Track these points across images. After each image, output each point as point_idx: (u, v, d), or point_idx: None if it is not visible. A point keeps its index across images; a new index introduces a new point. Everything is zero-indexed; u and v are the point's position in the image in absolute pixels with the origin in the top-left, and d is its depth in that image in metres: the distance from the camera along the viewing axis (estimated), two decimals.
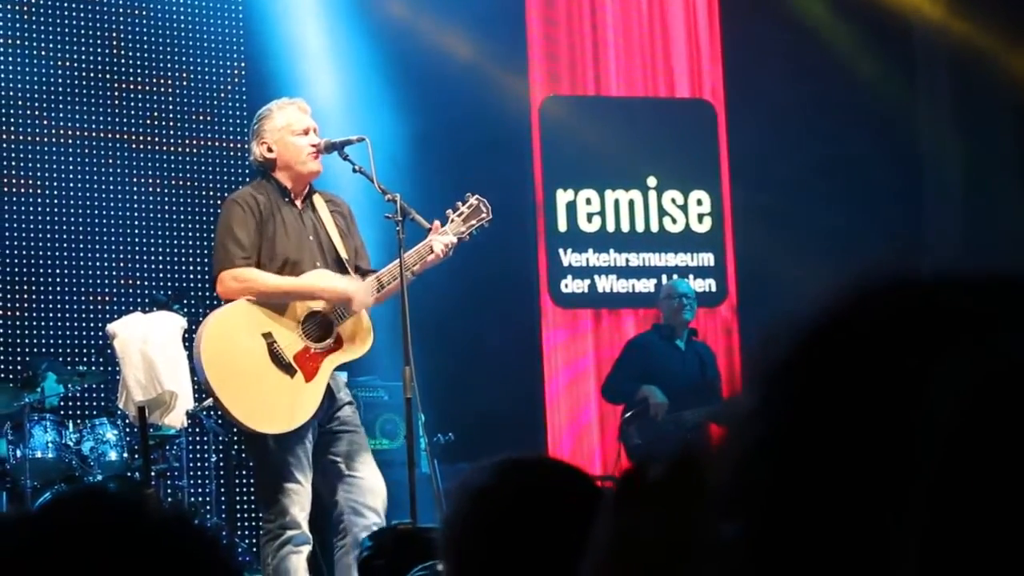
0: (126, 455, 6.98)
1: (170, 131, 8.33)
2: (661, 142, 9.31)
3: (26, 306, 7.88)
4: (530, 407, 8.79)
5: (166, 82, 8.36)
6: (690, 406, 7.52)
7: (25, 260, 7.90)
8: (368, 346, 5.18)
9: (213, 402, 4.99)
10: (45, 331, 7.89)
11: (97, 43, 8.20)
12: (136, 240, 8.13)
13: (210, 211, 8.09)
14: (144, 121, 8.27)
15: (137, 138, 8.23)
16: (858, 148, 9.33)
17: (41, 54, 8.03)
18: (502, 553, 1.66)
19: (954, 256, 0.75)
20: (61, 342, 7.89)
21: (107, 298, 7.97)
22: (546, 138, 9.18)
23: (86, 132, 8.08)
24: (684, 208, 9.32)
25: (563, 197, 9.13)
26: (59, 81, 8.08)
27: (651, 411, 7.59)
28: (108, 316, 6.78)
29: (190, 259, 8.23)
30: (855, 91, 9.43)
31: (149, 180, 8.21)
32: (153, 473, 6.61)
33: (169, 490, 7.17)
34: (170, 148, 8.31)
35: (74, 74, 8.12)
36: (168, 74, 8.36)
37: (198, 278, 8.11)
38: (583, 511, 1.65)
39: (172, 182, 8.29)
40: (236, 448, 7.45)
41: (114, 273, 8.06)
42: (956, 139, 9.54)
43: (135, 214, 8.14)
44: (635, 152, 9.20)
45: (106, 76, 8.20)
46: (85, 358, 7.70)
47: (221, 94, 8.49)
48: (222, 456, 7.53)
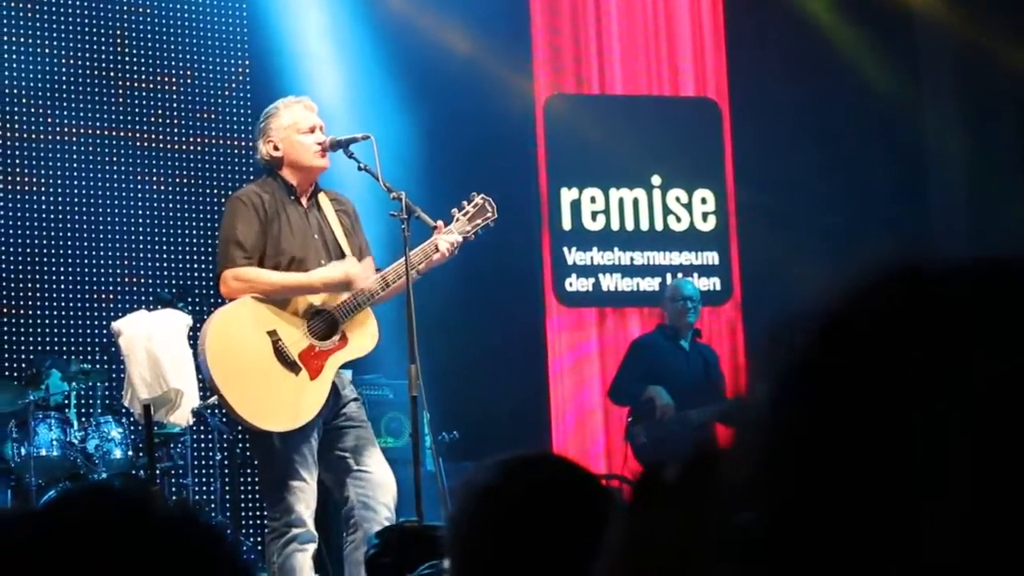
0: (131, 453, 6.98)
1: (174, 129, 8.33)
2: (665, 141, 9.31)
3: (30, 303, 7.88)
4: (535, 406, 8.79)
5: (170, 80, 8.36)
6: (695, 406, 7.52)
7: (29, 257, 7.90)
8: (373, 344, 5.18)
9: (218, 400, 4.99)
10: (49, 329, 7.89)
11: (101, 40, 8.20)
12: (140, 238, 8.13)
13: (214, 209, 8.09)
14: (148, 119, 8.27)
15: (141, 136, 8.23)
16: (862, 146, 9.33)
17: (45, 51, 8.04)
18: (508, 551, 1.66)
19: (958, 253, 0.75)
20: (66, 340, 7.89)
21: (111, 296, 7.98)
22: (550, 136, 9.17)
23: (90, 130, 8.08)
24: (688, 207, 9.31)
25: (567, 195, 9.12)
26: (63, 79, 8.08)
27: (657, 412, 7.60)
28: (113, 314, 6.78)
29: (194, 257, 8.23)
30: (859, 90, 9.43)
31: (153, 178, 8.22)
32: (158, 471, 6.62)
33: (174, 488, 7.18)
34: (174, 146, 8.31)
35: (78, 71, 8.13)
36: (172, 72, 8.36)
37: (202, 276, 8.11)
38: (588, 509, 1.65)
39: (176, 180, 8.29)
40: (241, 446, 7.45)
41: (118, 271, 8.06)
42: (960, 137, 9.53)
43: (139, 212, 8.14)
44: (639, 151, 9.19)
45: (110, 74, 8.21)
46: (90, 356, 7.70)
47: (225, 92, 8.49)
48: (227, 454, 7.53)
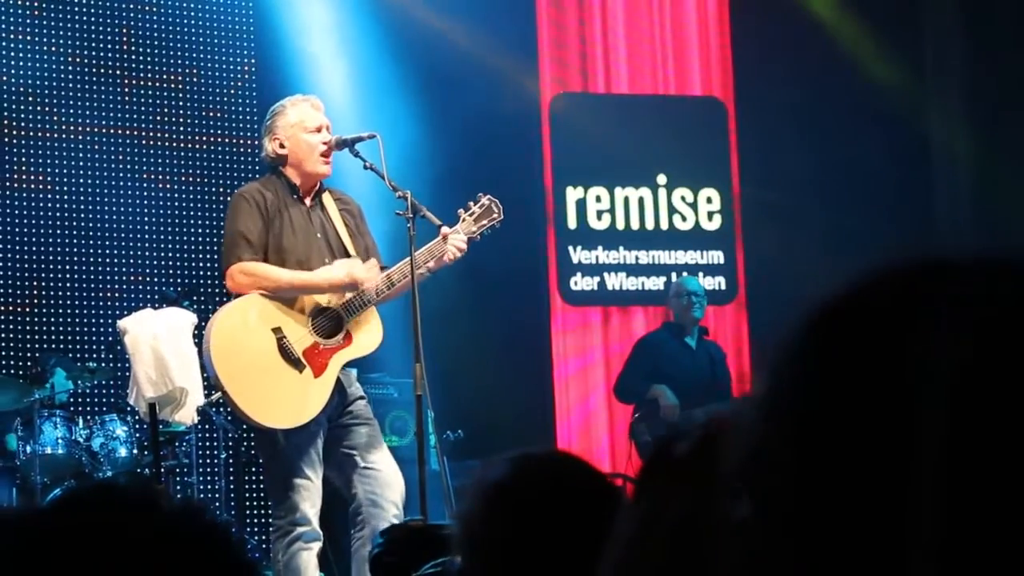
0: (136, 451, 6.98)
1: (180, 127, 8.33)
2: (671, 140, 9.30)
3: (36, 302, 7.89)
4: (539, 404, 8.79)
5: (176, 78, 8.36)
6: (700, 404, 7.51)
7: (35, 256, 7.90)
8: (378, 343, 5.18)
9: (222, 396, 4.99)
10: (55, 327, 7.90)
11: (107, 39, 8.21)
12: (146, 236, 8.13)
13: (220, 208, 8.09)
14: (154, 117, 8.27)
15: (147, 134, 8.24)
16: (868, 145, 9.32)
17: (51, 50, 8.04)
18: (517, 547, 1.65)
19: (964, 251, 0.76)
20: (71, 338, 7.90)
21: (117, 294, 7.98)
22: (556, 135, 9.17)
23: (96, 128, 8.09)
24: (694, 206, 9.31)
25: (573, 194, 9.12)
26: (69, 77, 8.09)
27: (662, 412, 7.59)
28: (118, 312, 6.78)
29: (200, 256, 8.23)
30: (865, 88, 9.42)
31: (159, 176, 8.22)
32: (163, 469, 6.62)
33: (178, 487, 7.18)
34: (180, 144, 8.32)
35: (84, 70, 8.13)
36: (178, 70, 8.37)
37: (208, 275, 8.11)
38: (596, 505, 1.65)
39: (182, 178, 8.29)
40: (246, 445, 7.46)
41: (124, 269, 8.06)
42: (966, 135, 9.52)
43: (145, 210, 8.14)
44: (645, 150, 9.19)
45: (117, 72, 8.21)
46: (95, 354, 7.70)
47: (231, 90, 8.49)
48: (232, 453, 7.53)
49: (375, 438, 5.09)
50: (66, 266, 7.96)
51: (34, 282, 7.90)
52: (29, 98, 7.98)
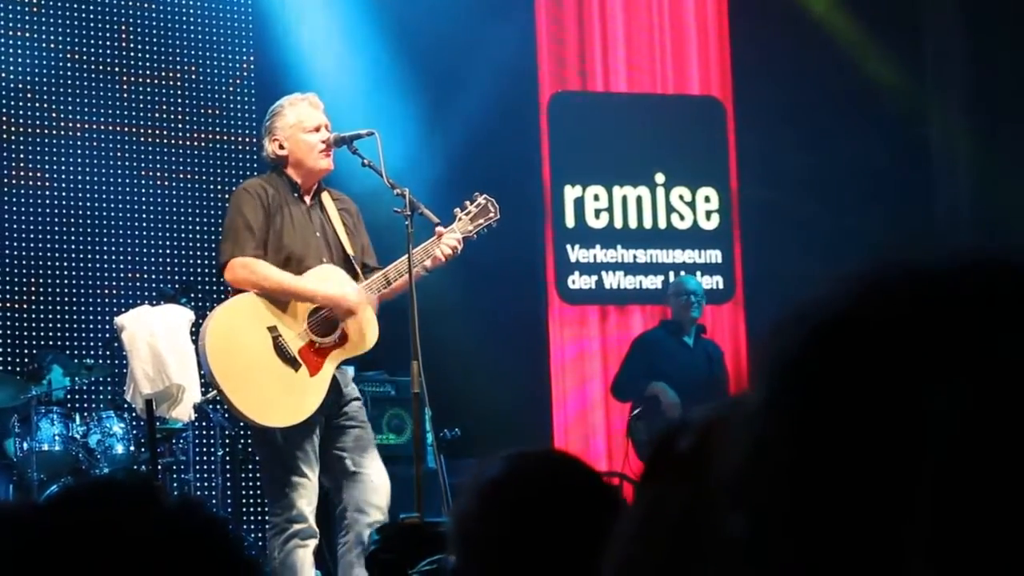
0: (132, 448, 6.98)
1: (178, 124, 8.32)
2: (669, 138, 9.30)
3: (32, 299, 7.88)
4: (537, 403, 8.79)
5: (175, 75, 8.35)
6: (698, 402, 7.48)
7: (32, 253, 7.89)
8: (372, 343, 5.18)
9: (217, 394, 4.99)
10: (52, 324, 7.89)
11: (105, 35, 8.20)
12: (143, 233, 8.13)
13: (218, 205, 8.09)
14: (152, 114, 8.26)
15: (145, 131, 8.23)
16: (867, 145, 9.31)
17: (49, 46, 8.03)
18: (512, 545, 1.65)
19: (963, 252, 0.75)
20: (68, 335, 7.89)
21: (114, 291, 7.97)
22: (554, 134, 9.17)
23: (93, 125, 8.08)
24: (692, 205, 9.31)
25: (571, 193, 9.12)
26: (66, 73, 8.08)
27: (663, 410, 7.58)
28: (115, 309, 6.78)
29: (198, 253, 8.22)
30: (864, 88, 9.42)
31: (157, 173, 8.21)
32: (159, 466, 6.61)
33: (175, 484, 7.18)
34: (178, 141, 8.31)
35: (82, 66, 8.12)
36: (177, 67, 8.36)
37: (206, 272, 8.11)
38: (591, 504, 1.65)
39: (180, 175, 8.28)
40: (243, 442, 7.45)
41: (121, 266, 8.06)
42: (966, 135, 9.52)
43: (142, 207, 8.14)
44: (643, 148, 9.19)
45: (115, 69, 8.20)
46: (92, 351, 7.70)
47: (230, 87, 8.49)
48: (228, 450, 7.53)
49: (367, 442, 5.09)
50: (64, 263, 7.95)
51: (31, 279, 7.89)
52: (27, 95, 7.97)
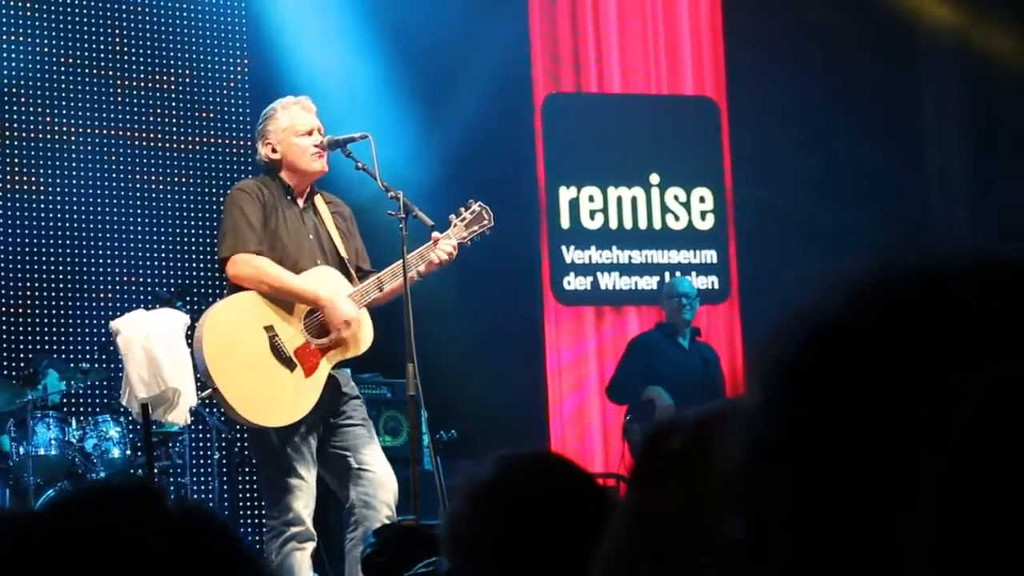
0: (129, 452, 6.97)
1: (173, 127, 8.32)
2: (664, 139, 9.31)
3: (28, 303, 7.87)
4: (532, 404, 8.79)
5: (169, 78, 8.35)
6: (693, 404, 7.49)
7: (27, 257, 7.89)
8: (367, 344, 5.18)
9: (212, 394, 4.99)
10: (47, 328, 7.88)
11: (99, 38, 8.19)
12: (139, 237, 8.12)
13: (212, 208, 8.08)
14: (146, 117, 8.26)
15: (140, 135, 8.22)
16: (862, 145, 9.32)
17: (42, 49, 8.03)
18: (504, 547, 1.65)
19: (959, 251, 0.74)
20: (63, 339, 7.88)
21: (110, 295, 7.97)
22: (549, 135, 9.17)
23: (88, 129, 8.07)
24: (687, 205, 9.31)
25: (566, 194, 9.12)
26: (60, 77, 8.07)
27: (658, 413, 7.58)
28: (111, 313, 6.77)
29: (193, 256, 8.22)
30: (859, 88, 9.42)
31: (152, 177, 8.21)
32: (156, 470, 6.61)
33: (172, 487, 7.17)
34: (173, 145, 8.30)
35: (76, 70, 8.11)
36: (171, 70, 8.35)
37: (201, 275, 8.11)
38: (583, 505, 1.66)
39: (175, 179, 8.28)
40: (239, 445, 7.45)
41: (116, 270, 8.05)
42: (961, 135, 9.52)
43: (138, 211, 8.13)
44: (638, 149, 9.20)
45: (109, 73, 8.19)
46: (88, 355, 7.69)
47: (224, 90, 8.48)
48: (225, 453, 7.52)
49: (369, 439, 5.09)
50: (58, 267, 7.94)
51: (26, 283, 7.88)
52: (21, 99, 7.97)
